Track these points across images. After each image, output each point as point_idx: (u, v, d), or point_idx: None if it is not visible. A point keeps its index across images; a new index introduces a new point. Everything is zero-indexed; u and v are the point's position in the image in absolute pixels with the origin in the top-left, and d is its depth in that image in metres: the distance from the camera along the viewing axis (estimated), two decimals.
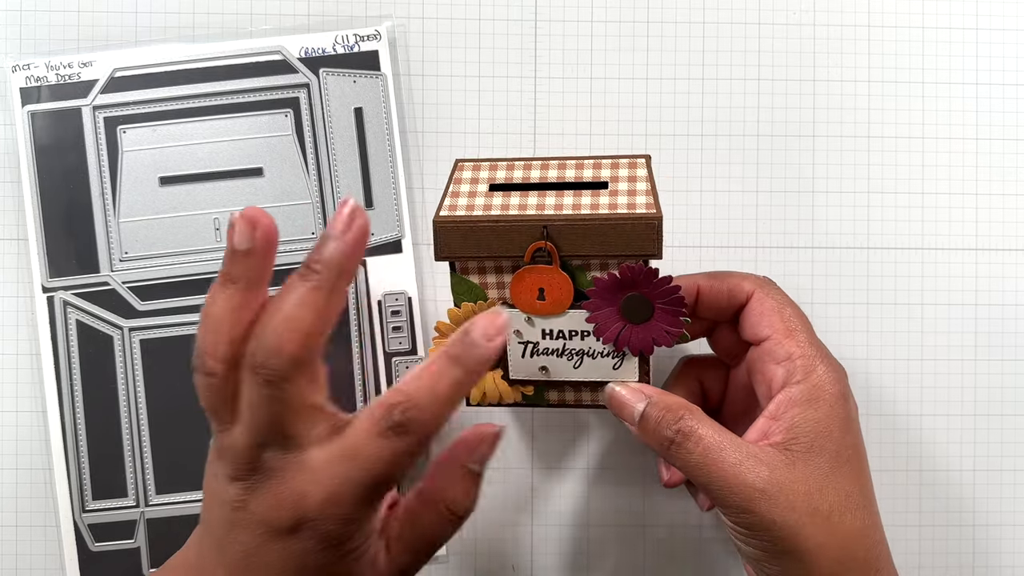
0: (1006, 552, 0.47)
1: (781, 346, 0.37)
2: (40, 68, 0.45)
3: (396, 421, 0.31)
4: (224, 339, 0.31)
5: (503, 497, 0.47)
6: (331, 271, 0.31)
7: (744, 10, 0.47)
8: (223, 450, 0.32)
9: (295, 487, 0.31)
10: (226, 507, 0.32)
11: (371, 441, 0.31)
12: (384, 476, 0.31)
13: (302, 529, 0.31)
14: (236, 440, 0.32)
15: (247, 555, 0.32)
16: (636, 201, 0.35)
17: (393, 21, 0.46)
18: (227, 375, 0.31)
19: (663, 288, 0.35)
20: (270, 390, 0.30)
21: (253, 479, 0.31)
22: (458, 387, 0.32)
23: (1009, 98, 0.47)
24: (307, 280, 0.31)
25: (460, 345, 0.31)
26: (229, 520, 0.32)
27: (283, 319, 0.30)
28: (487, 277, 0.37)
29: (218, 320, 0.31)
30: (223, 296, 0.31)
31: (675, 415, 0.35)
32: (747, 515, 0.33)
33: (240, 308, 0.31)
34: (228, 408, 0.32)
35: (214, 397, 0.32)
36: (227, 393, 0.32)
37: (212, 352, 0.31)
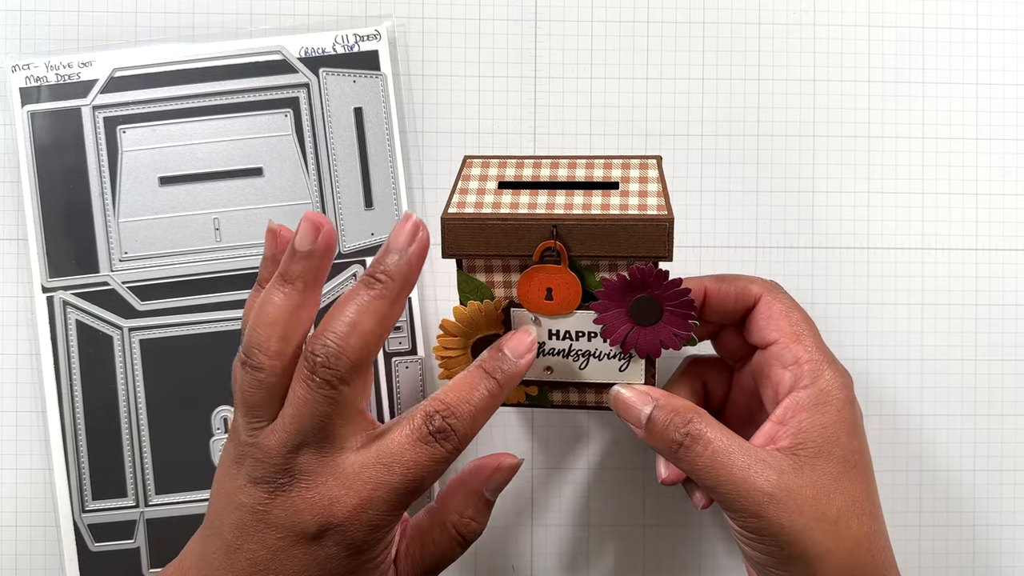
0: (1006, 552, 0.47)
1: (788, 350, 0.37)
2: (40, 68, 0.45)
3: (437, 427, 0.32)
4: (278, 336, 0.32)
5: (503, 497, 0.47)
6: (394, 282, 0.33)
7: (744, 10, 0.47)
8: (249, 449, 0.32)
9: (326, 492, 0.32)
10: (244, 511, 0.32)
11: (411, 446, 0.32)
12: (418, 482, 0.32)
13: (327, 535, 0.32)
14: (270, 439, 0.32)
15: (262, 561, 0.32)
16: (647, 202, 0.35)
17: (393, 21, 0.46)
18: (277, 372, 0.32)
19: (673, 291, 0.35)
20: (327, 391, 0.31)
21: (280, 482, 0.32)
22: (491, 398, 0.33)
23: (1009, 98, 0.47)
24: (371, 288, 0.32)
25: (493, 360, 0.34)
26: (246, 524, 0.32)
27: (347, 323, 0.32)
28: (494, 276, 0.37)
29: (274, 317, 0.32)
30: (280, 295, 0.32)
31: (683, 418, 0.35)
32: (755, 519, 0.33)
33: (298, 308, 0.32)
34: (269, 406, 0.32)
35: (258, 393, 0.32)
36: (273, 390, 0.32)
37: (264, 348, 0.32)
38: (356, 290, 0.33)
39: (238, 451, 0.33)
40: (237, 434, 0.33)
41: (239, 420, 0.33)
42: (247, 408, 0.33)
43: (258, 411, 0.32)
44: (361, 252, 0.46)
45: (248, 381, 0.32)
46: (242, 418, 0.33)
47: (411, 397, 0.46)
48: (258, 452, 0.32)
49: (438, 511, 0.36)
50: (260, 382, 0.32)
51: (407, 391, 0.46)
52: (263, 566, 0.32)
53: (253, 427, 0.33)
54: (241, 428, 0.33)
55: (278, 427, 0.32)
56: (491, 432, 0.46)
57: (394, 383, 0.46)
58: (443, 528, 0.36)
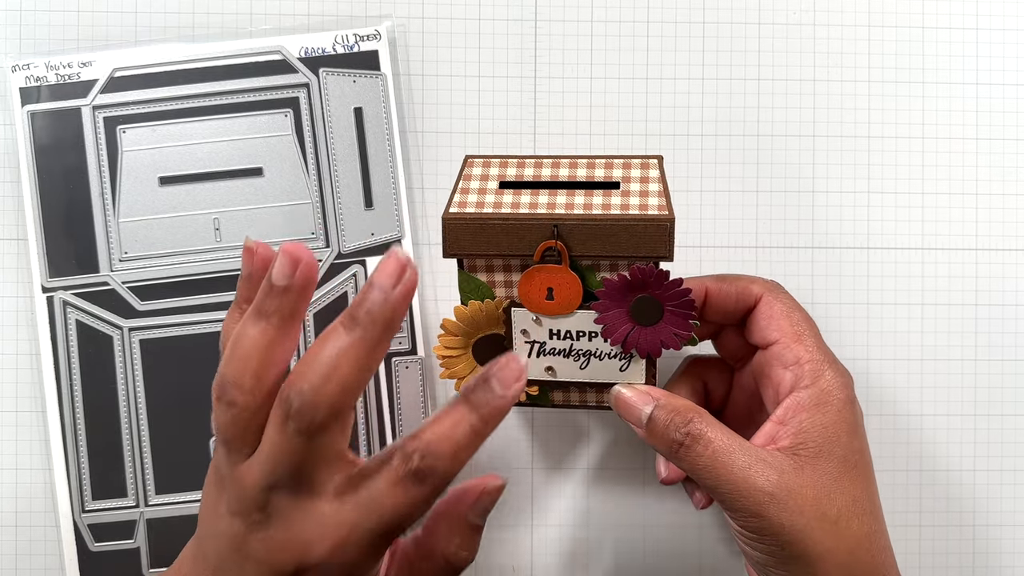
0: (1006, 552, 0.47)
1: (789, 350, 0.37)
2: (40, 68, 0.45)
3: (415, 468, 0.30)
4: (252, 373, 0.30)
5: (503, 497, 0.47)
6: (376, 326, 0.30)
7: (744, 10, 0.47)
8: (228, 479, 0.31)
9: (301, 535, 0.31)
10: (224, 539, 0.31)
11: (388, 490, 0.30)
12: (397, 525, 0.31)
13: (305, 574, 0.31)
14: (246, 476, 0.31)
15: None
16: (648, 202, 0.35)
17: (393, 21, 0.46)
18: (251, 408, 0.31)
19: (674, 291, 0.35)
20: (302, 439, 0.30)
21: (256, 518, 0.31)
22: (475, 435, 0.31)
23: (1009, 98, 0.47)
24: (351, 332, 0.30)
25: (479, 392, 0.31)
26: (226, 553, 0.31)
27: (324, 369, 0.30)
28: (495, 275, 0.37)
29: (247, 353, 0.31)
30: (256, 330, 0.31)
31: (684, 418, 0.35)
32: (756, 519, 0.33)
33: (272, 344, 0.31)
34: (244, 440, 0.31)
35: (233, 428, 0.31)
36: (248, 426, 0.31)
37: (238, 383, 0.30)
38: (335, 330, 0.30)
39: (219, 476, 0.32)
40: (218, 458, 0.32)
41: (218, 448, 0.32)
42: (224, 442, 0.32)
43: (234, 446, 0.31)
44: (361, 252, 0.46)
45: (223, 416, 0.31)
46: (220, 447, 0.32)
47: (411, 397, 0.46)
48: (235, 485, 0.31)
49: (424, 541, 0.34)
50: (234, 418, 0.31)
51: (407, 391, 0.46)
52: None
53: (231, 460, 0.31)
54: (220, 456, 0.32)
55: (254, 464, 0.31)
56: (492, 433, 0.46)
57: (394, 383, 0.46)
58: (431, 559, 0.34)
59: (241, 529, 0.31)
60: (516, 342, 0.38)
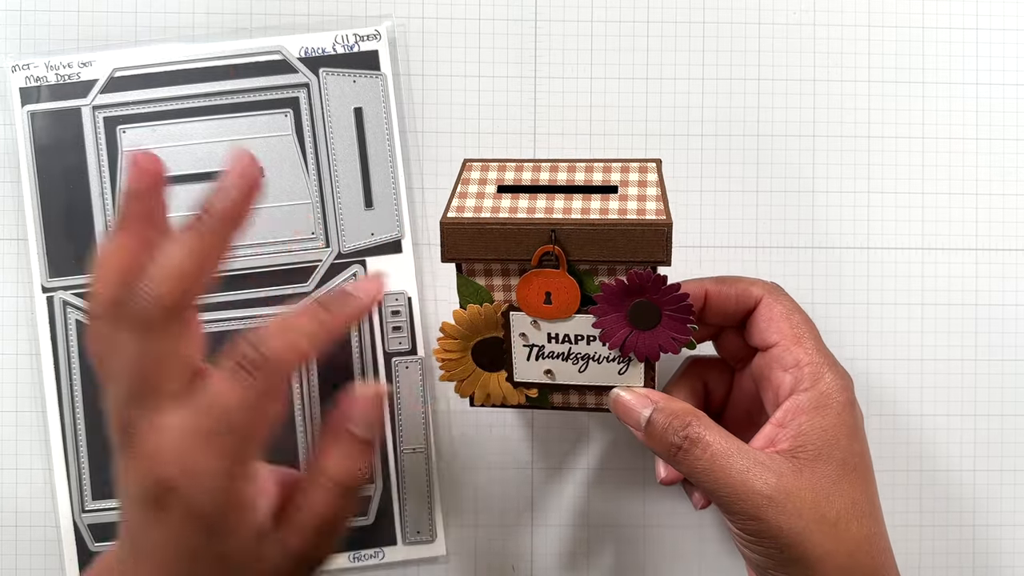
0: (1006, 552, 0.47)
1: (789, 353, 0.37)
2: (40, 68, 0.45)
3: (246, 357, 0.30)
4: (111, 282, 0.30)
5: (503, 497, 0.47)
6: (214, 219, 0.31)
7: (744, 10, 0.47)
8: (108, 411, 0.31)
9: (148, 448, 0.29)
10: (117, 490, 0.31)
11: (223, 386, 0.30)
12: (240, 426, 0.30)
13: (168, 501, 0.29)
14: (109, 397, 0.30)
15: (134, 540, 0.30)
16: (646, 207, 0.35)
17: (393, 21, 0.46)
18: (111, 320, 0.30)
19: (671, 295, 0.35)
20: (139, 337, 0.29)
21: (120, 440, 0.30)
22: (319, 325, 0.31)
23: (1009, 98, 0.47)
24: (191, 228, 0.31)
25: (336, 298, 0.33)
26: (120, 507, 0.31)
27: (160, 266, 0.30)
28: (493, 279, 0.37)
29: (104, 263, 0.30)
30: (113, 240, 0.31)
31: (682, 421, 0.35)
32: (754, 522, 0.33)
33: (125, 250, 0.31)
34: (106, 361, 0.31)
35: (98, 344, 0.31)
36: (111, 342, 0.30)
37: (99, 295, 0.30)
38: (178, 232, 0.31)
39: None
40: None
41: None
42: (96, 364, 0.31)
43: (103, 367, 0.31)
44: (361, 252, 0.46)
45: (89, 333, 0.31)
46: (99, 378, 0.31)
47: (411, 397, 0.46)
48: (109, 413, 0.31)
49: (312, 464, 0.33)
50: (96, 332, 0.31)
51: (407, 391, 0.46)
52: (139, 545, 0.30)
53: (104, 385, 0.31)
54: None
55: (113, 382, 0.30)
56: (491, 433, 0.47)
57: (394, 383, 0.46)
58: (320, 481, 0.32)
59: (119, 462, 0.30)
60: (515, 345, 0.38)
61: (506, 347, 0.38)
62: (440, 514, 0.46)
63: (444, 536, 0.46)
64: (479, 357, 0.39)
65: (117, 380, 0.30)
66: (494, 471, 0.47)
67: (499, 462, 0.47)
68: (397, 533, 0.46)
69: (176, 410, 0.30)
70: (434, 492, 0.46)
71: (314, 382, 0.46)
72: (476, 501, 0.47)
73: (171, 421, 0.30)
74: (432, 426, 0.46)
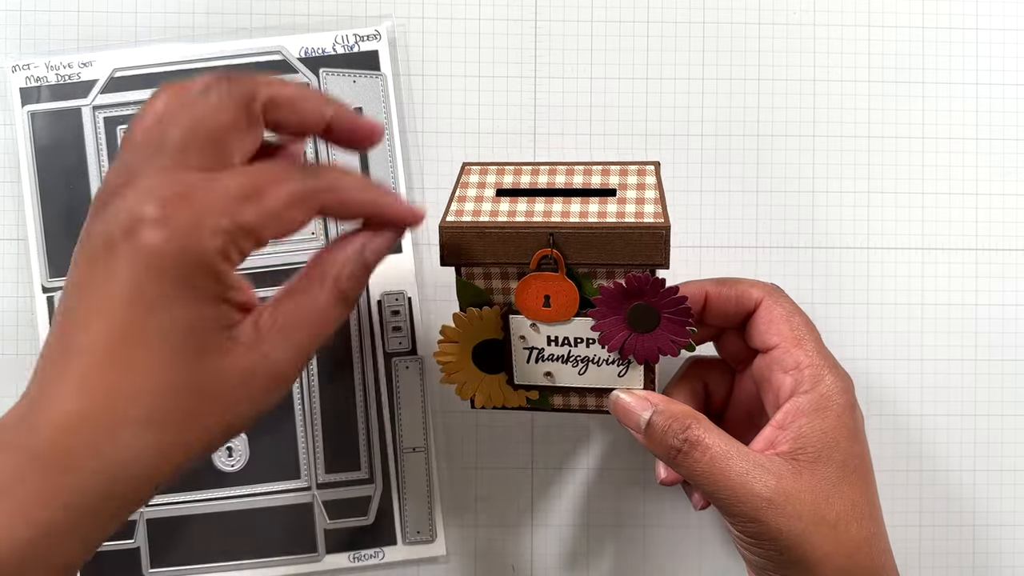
0: (1006, 552, 0.47)
1: (789, 355, 0.37)
2: (40, 68, 0.45)
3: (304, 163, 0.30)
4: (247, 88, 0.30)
5: (503, 497, 0.47)
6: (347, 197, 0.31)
7: (744, 10, 0.47)
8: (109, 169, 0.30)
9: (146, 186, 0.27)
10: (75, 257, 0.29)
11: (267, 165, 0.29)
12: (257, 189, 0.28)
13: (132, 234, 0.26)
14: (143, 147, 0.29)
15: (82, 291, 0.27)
16: (644, 210, 0.35)
17: (393, 21, 0.46)
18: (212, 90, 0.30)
19: (670, 298, 0.35)
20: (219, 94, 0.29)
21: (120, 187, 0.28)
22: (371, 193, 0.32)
23: (1009, 98, 0.47)
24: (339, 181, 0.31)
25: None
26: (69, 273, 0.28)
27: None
28: (492, 283, 0.37)
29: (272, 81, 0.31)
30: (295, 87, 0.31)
31: (682, 424, 0.35)
32: (754, 524, 0.33)
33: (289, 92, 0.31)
34: None
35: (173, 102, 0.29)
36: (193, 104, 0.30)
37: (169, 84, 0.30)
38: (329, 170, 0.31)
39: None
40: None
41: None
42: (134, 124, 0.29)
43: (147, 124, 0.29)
44: None
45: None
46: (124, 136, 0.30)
47: (411, 397, 0.46)
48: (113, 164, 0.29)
49: (315, 266, 0.31)
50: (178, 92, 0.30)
51: (407, 391, 0.46)
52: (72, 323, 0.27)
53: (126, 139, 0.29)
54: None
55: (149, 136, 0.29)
56: (491, 433, 0.47)
57: (394, 383, 0.46)
58: (322, 282, 0.30)
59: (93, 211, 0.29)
60: (515, 348, 0.38)
61: (506, 350, 0.38)
62: (440, 514, 0.46)
63: (444, 536, 0.46)
64: (479, 360, 0.39)
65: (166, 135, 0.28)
66: (494, 471, 0.47)
67: (499, 462, 0.47)
68: (397, 533, 0.46)
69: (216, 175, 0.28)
70: (434, 492, 0.46)
71: (314, 383, 0.46)
72: (476, 501, 0.47)
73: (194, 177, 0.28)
74: (432, 426, 0.46)
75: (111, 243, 0.27)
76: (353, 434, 0.46)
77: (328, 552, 0.45)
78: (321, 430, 0.46)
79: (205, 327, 0.27)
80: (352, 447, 0.46)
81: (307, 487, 0.46)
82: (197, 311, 0.27)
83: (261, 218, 0.28)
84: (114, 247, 0.27)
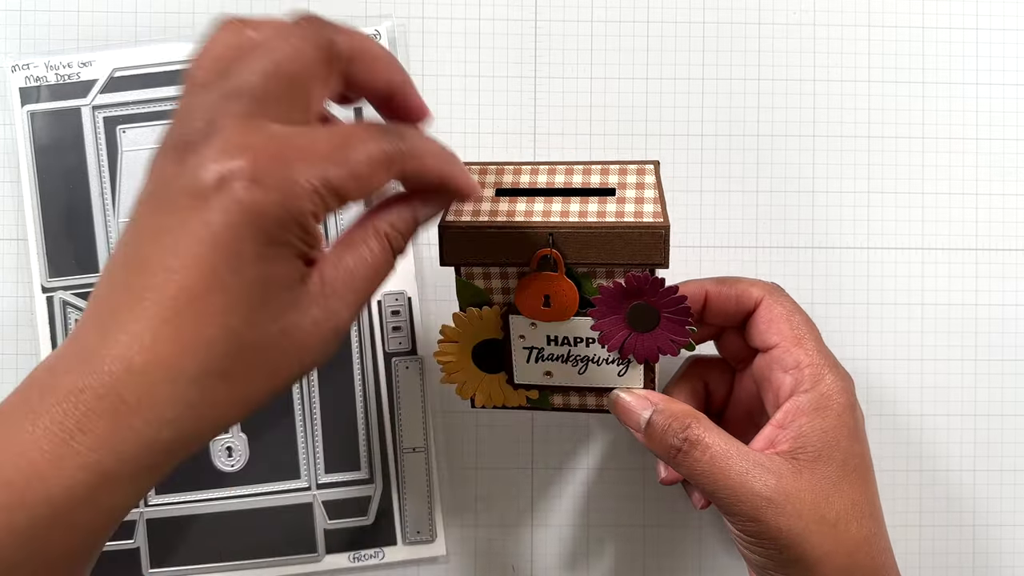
0: (1006, 552, 0.47)
1: (789, 354, 0.37)
2: (40, 68, 0.45)
3: (388, 128, 0.29)
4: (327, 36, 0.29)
5: (503, 497, 0.47)
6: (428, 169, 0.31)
7: (744, 10, 0.47)
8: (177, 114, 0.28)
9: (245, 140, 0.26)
10: (146, 199, 0.27)
11: (354, 129, 0.29)
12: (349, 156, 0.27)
13: (225, 189, 0.25)
14: (219, 87, 0.27)
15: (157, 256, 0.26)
16: (643, 209, 0.35)
17: (393, 21, 0.46)
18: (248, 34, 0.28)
19: (669, 298, 0.35)
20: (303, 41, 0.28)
21: (203, 135, 0.26)
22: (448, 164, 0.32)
23: (1009, 98, 0.47)
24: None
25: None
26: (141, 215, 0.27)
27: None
28: (492, 282, 0.37)
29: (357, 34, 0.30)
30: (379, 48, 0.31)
31: (682, 423, 0.35)
32: (754, 523, 0.33)
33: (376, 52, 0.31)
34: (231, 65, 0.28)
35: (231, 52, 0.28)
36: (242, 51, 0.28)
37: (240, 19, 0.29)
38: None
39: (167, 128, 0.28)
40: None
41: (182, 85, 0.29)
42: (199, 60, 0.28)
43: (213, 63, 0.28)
44: None
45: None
46: (187, 77, 0.28)
47: (411, 397, 0.46)
48: (184, 107, 0.27)
49: (368, 218, 0.31)
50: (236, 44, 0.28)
51: (407, 391, 0.46)
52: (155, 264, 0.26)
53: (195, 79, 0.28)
54: (180, 92, 0.28)
55: (226, 76, 0.27)
56: (491, 433, 0.47)
57: (394, 383, 0.46)
58: (376, 234, 0.30)
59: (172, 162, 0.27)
60: (514, 348, 0.38)
61: (506, 349, 0.38)
62: (440, 514, 0.46)
63: (444, 536, 0.46)
64: (479, 359, 0.39)
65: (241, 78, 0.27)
66: (494, 471, 0.47)
67: (499, 462, 0.47)
68: (397, 533, 0.46)
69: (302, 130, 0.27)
70: (434, 492, 0.46)
71: (314, 383, 0.46)
72: (476, 501, 0.47)
73: (281, 130, 0.27)
74: (432, 426, 0.46)
75: (200, 194, 0.25)
76: (353, 434, 0.46)
77: (328, 552, 0.45)
78: (321, 430, 0.46)
79: (285, 283, 0.27)
80: (352, 447, 0.46)
81: (307, 487, 0.46)
82: (283, 267, 0.27)
83: (350, 178, 0.27)
84: (205, 197, 0.25)
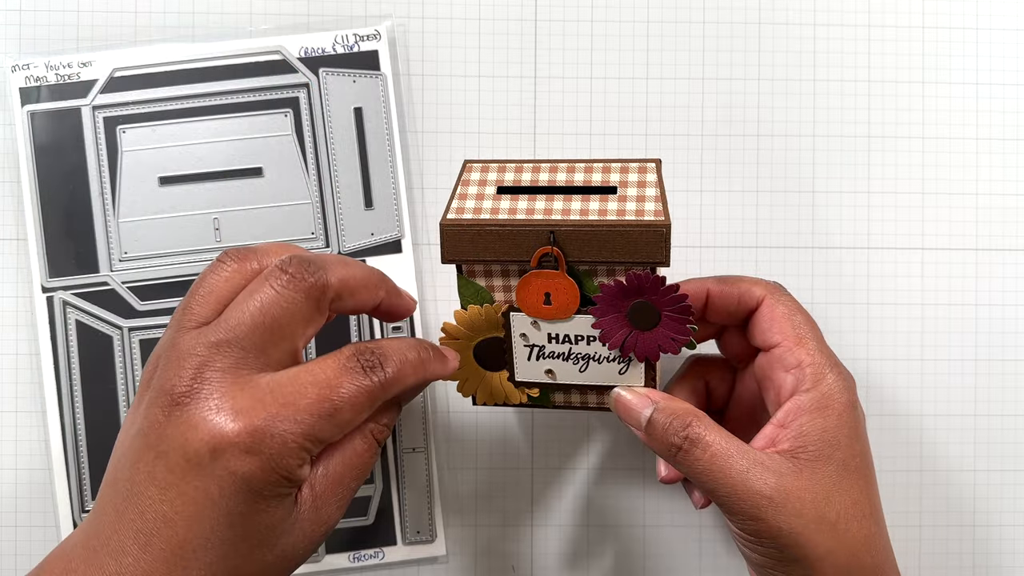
0: (1006, 552, 0.47)
1: (791, 353, 0.37)
2: (40, 68, 0.45)
3: (366, 360, 0.32)
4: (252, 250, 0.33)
5: (503, 497, 0.47)
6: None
7: (744, 10, 0.47)
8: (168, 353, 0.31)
9: (230, 403, 0.29)
10: (138, 439, 0.30)
11: (335, 370, 0.31)
12: (334, 410, 0.30)
13: (219, 458, 0.29)
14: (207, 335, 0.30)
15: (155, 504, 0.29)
16: (645, 208, 0.35)
17: (393, 21, 0.46)
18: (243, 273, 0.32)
19: (670, 296, 0.35)
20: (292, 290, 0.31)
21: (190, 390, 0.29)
22: (423, 365, 0.34)
23: (1009, 98, 0.47)
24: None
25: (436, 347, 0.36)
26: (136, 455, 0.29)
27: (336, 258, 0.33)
28: (493, 280, 0.37)
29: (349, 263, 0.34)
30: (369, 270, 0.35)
31: (682, 421, 0.35)
32: (754, 522, 0.33)
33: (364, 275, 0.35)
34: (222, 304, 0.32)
35: (224, 285, 0.32)
36: (234, 286, 0.32)
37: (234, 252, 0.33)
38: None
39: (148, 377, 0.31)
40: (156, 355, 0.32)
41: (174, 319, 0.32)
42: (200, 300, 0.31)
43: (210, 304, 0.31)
44: (361, 252, 0.46)
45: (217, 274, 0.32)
46: (180, 313, 0.31)
47: None
48: (175, 353, 0.30)
49: None
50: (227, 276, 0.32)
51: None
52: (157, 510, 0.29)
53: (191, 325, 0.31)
54: (172, 326, 0.32)
55: (222, 324, 0.30)
56: (491, 431, 0.46)
57: None
58: (363, 435, 0.33)
59: (159, 416, 0.29)
60: (516, 345, 0.38)
61: (507, 347, 0.38)
62: (440, 514, 0.46)
63: (444, 536, 0.46)
64: (480, 357, 0.39)
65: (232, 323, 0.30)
66: (494, 471, 0.47)
67: (499, 462, 0.47)
68: (397, 533, 0.46)
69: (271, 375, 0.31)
70: (434, 492, 0.46)
71: None
72: (476, 501, 0.47)
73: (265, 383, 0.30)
74: (432, 426, 0.46)
75: (196, 460, 0.29)
76: None
77: (328, 552, 0.45)
78: None
79: (277, 522, 0.31)
80: None
81: None
82: (274, 512, 0.30)
83: (335, 428, 0.31)
84: (200, 465, 0.29)
